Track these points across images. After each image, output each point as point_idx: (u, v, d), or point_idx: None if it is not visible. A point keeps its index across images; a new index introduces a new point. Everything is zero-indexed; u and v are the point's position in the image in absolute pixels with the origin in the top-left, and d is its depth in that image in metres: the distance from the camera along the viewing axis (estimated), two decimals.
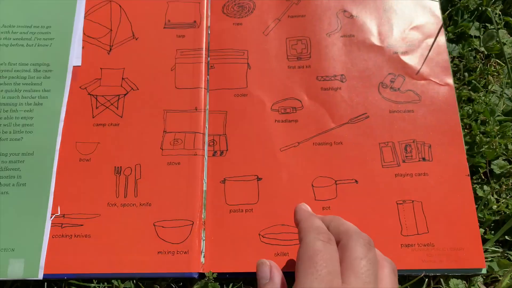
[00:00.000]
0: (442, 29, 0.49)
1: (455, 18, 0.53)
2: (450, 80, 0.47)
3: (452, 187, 0.43)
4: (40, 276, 0.40)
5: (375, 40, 0.49)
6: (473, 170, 0.46)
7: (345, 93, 0.47)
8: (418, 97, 0.47)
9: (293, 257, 0.41)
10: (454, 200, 0.43)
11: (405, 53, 0.49)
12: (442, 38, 0.49)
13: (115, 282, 0.40)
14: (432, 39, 0.49)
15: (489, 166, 0.46)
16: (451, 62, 0.50)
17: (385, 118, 0.46)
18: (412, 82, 0.48)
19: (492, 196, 0.45)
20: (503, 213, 0.44)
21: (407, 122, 0.46)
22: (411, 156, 0.45)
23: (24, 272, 0.40)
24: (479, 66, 0.51)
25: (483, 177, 0.46)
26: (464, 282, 0.41)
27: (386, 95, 0.47)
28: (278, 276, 0.36)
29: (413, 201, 0.43)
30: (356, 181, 0.44)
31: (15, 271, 0.40)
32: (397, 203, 0.43)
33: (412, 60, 0.48)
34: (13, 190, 0.42)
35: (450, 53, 0.51)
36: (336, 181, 0.43)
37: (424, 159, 0.44)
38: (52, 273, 0.40)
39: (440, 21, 0.50)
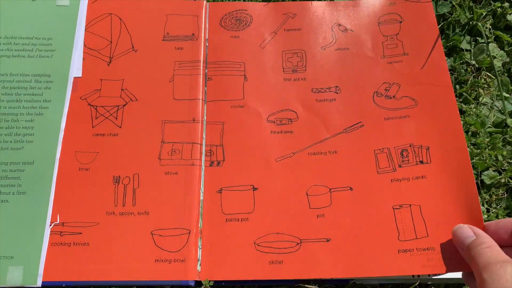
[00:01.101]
0: (439, 35, 0.50)
1: (447, 32, 0.54)
2: (448, 80, 0.47)
3: (454, 187, 0.43)
4: (39, 284, 0.40)
5: (370, 52, 0.51)
6: None
7: (340, 104, 0.48)
8: (414, 102, 0.47)
9: (287, 265, 0.41)
10: (457, 201, 0.42)
11: (400, 62, 0.50)
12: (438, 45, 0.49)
13: None
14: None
15: (480, 176, 0.47)
16: None
17: (379, 126, 0.47)
18: (408, 88, 0.48)
19: (483, 206, 0.46)
20: None
21: (403, 127, 0.46)
22: (408, 160, 0.45)
23: (23, 280, 0.40)
24: (470, 79, 0.52)
25: None
26: None
27: (380, 103, 0.48)
28: (481, 230, 0.37)
29: (410, 205, 0.43)
30: (350, 188, 0.44)
31: (14, 278, 0.40)
32: (393, 208, 0.43)
33: (408, 69, 0.49)
34: (13, 199, 0.43)
35: None
36: (330, 189, 0.44)
37: (421, 162, 0.45)
38: (50, 280, 0.40)
39: (436, 31, 0.50)
